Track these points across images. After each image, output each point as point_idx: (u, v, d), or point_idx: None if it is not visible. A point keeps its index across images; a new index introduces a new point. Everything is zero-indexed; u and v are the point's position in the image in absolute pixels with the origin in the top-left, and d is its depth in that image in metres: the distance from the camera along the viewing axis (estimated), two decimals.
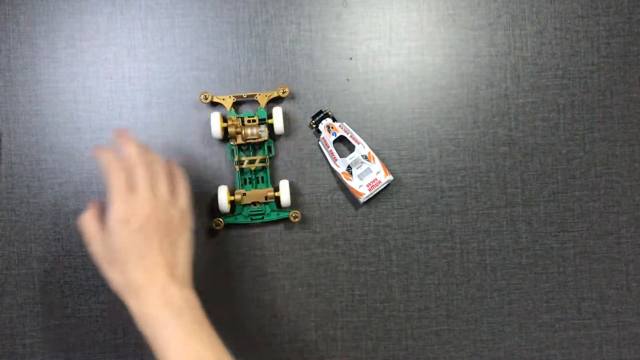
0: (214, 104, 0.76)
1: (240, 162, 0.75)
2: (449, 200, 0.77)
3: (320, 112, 0.76)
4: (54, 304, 0.76)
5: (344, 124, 0.76)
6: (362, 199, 0.74)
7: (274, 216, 0.75)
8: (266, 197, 0.74)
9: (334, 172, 0.77)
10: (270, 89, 0.77)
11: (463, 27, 0.78)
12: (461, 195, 0.77)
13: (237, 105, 0.77)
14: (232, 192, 0.76)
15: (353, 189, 0.75)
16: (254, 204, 0.75)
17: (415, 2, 0.78)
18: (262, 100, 0.75)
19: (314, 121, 0.76)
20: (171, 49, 0.77)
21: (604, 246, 0.78)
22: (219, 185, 0.75)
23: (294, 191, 0.77)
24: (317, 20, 0.77)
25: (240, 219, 0.75)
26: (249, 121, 0.74)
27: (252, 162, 0.75)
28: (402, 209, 0.77)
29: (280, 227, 0.77)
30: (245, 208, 0.75)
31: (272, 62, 0.77)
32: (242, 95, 0.75)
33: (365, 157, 0.75)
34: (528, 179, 0.78)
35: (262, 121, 0.75)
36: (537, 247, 0.78)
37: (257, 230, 0.77)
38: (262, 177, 0.76)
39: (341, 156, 0.76)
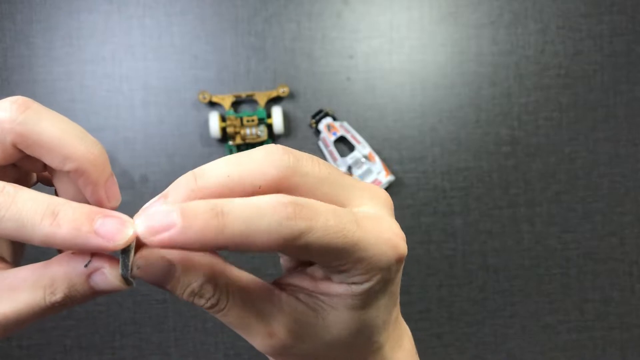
0: (213, 104, 0.76)
1: None
2: (450, 200, 0.77)
3: (321, 111, 0.75)
4: None
5: (345, 123, 0.75)
6: None
7: None
8: None
9: None
10: (269, 88, 0.76)
11: (465, 25, 0.77)
12: (463, 196, 0.77)
13: (236, 104, 0.76)
14: None
15: None
16: None
17: (417, 0, 0.77)
18: (262, 99, 0.74)
19: (314, 120, 0.75)
20: (169, 47, 0.76)
21: (608, 247, 0.77)
22: None
23: None
24: (317, 18, 0.77)
25: None
26: (248, 121, 0.74)
27: None
28: (403, 209, 0.76)
29: None
30: None
31: (271, 61, 0.76)
32: (241, 95, 0.74)
33: (366, 157, 0.74)
34: (531, 179, 0.77)
35: (261, 121, 0.74)
36: (540, 248, 0.77)
37: None
38: None
39: (341, 156, 0.75)
